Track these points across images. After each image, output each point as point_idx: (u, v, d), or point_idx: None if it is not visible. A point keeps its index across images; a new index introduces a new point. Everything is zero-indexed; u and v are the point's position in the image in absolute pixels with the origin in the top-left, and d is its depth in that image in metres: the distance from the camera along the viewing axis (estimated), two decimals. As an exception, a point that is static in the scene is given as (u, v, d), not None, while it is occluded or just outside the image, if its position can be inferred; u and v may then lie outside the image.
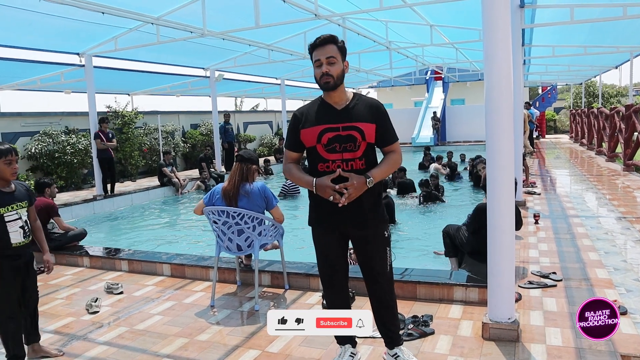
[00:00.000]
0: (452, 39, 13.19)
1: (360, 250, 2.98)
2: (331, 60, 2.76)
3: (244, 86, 19.95)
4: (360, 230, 2.91)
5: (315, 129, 2.81)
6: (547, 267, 4.90)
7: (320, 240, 2.99)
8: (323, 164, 2.81)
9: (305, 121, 2.86)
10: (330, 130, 2.78)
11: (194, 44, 11.19)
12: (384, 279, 2.98)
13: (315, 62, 2.80)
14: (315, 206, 2.94)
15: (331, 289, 3.04)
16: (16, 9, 7.97)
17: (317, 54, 2.78)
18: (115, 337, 3.83)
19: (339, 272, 3.02)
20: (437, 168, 14.14)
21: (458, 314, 3.92)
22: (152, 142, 16.30)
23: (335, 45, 2.80)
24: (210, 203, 4.39)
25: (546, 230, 6.36)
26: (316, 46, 2.79)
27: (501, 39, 3.28)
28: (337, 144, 2.77)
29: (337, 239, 2.95)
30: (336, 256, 2.99)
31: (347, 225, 2.88)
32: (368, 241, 2.93)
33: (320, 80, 2.79)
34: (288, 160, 2.99)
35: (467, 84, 28.70)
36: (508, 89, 3.32)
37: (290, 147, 2.97)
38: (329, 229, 2.93)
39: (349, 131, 2.78)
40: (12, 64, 11.18)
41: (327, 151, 2.79)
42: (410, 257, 6.41)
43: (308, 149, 2.89)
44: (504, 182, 3.34)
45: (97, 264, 5.84)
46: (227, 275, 5.07)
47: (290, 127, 2.96)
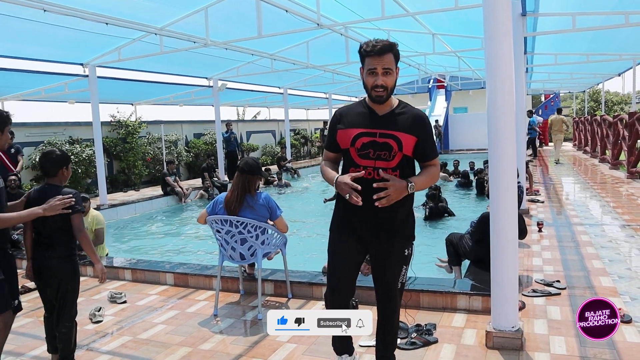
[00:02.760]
0: (454, 48, 13.22)
1: (377, 264, 2.85)
2: (387, 72, 2.60)
3: (246, 95, 20.03)
4: (384, 243, 2.76)
5: (351, 131, 2.70)
6: (551, 275, 4.89)
7: (335, 246, 2.85)
8: (355, 169, 2.67)
9: (343, 121, 2.75)
10: (367, 135, 2.66)
11: (197, 54, 11.25)
12: (394, 296, 2.87)
13: (368, 70, 2.62)
14: (342, 210, 2.80)
15: (333, 300, 2.85)
16: (21, 20, 8.01)
17: (373, 62, 2.58)
18: (118, 347, 3.83)
19: (345, 285, 2.87)
20: (444, 177, 14.10)
21: (462, 323, 3.91)
22: (155, 151, 16.34)
23: (393, 54, 2.61)
24: (213, 212, 4.39)
25: (550, 239, 6.34)
26: (373, 54, 2.59)
27: (503, 48, 3.30)
28: (371, 149, 2.65)
29: (356, 249, 2.82)
30: (347, 267, 2.85)
31: (372, 235, 2.74)
32: (388, 256, 2.79)
33: (372, 92, 2.63)
34: (325, 158, 2.92)
35: (470, 92, 28.61)
36: (510, 98, 3.33)
37: (328, 146, 2.89)
38: (351, 237, 2.78)
39: (385, 139, 2.64)
40: (17, 75, 11.27)
41: (360, 156, 2.67)
42: (415, 266, 6.39)
43: (343, 150, 2.78)
44: (507, 191, 3.34)
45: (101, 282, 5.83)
46: (230, 284, 5.07)
47: (330, 126, 2.87)
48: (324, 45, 12.14)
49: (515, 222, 3.42)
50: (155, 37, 9.32)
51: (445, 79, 23.33)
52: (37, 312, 4.76)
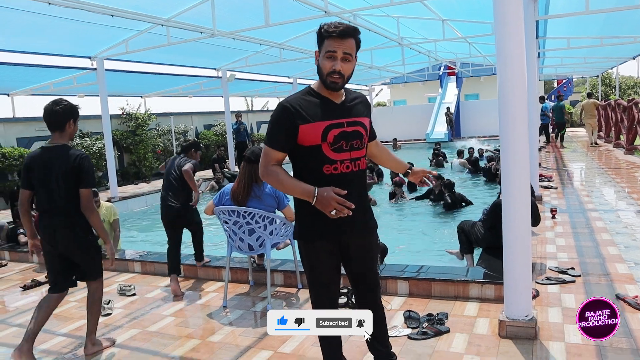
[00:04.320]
0: (464, 34, 13.02)
1: (358, 261, 2.62)
2: (347, 57, 2.37)
3: (256, 86, 19.96)
4: (365, 238, 2.60)
5: (318, 125, 2.40)
6: (565, 262, 4.79)
7: (318, 256, 2.55)
8: (330, 166, 2.41)
9: (301, 115, 2.39)
10: (335, 127, 2.42)
11: (205, 44, 11.19)
12: (378, 288, 2.72)
13: (327, 52, 2.36)
14: (313, 216, 2.42)
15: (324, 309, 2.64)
16: (27, 13, 8.00)
17: (334, 44, 2.34)
18: (127, 339, 3.82)
19: (335, 291, 2.69)
20: (463, 163, 13.96)
21: (474, 312, 3.84)
22: (165, 143, 16.37)
23: (355, 40, 2.40)
24: (219, 204, 4.36)
25: (564, 225, 6.23)
26: (334, 36, 2.34)
27: (513, 32, 3.20)
28: (343, 141, 2.43)
29: (336, 253, 2.57)
30: (333, 273, 2.62)
31: (353, 233, 2.53)
32: (369, 250, 2.63)
33: (327, 77, 2.38)
34: (271, 161, 2.44)
35: (481, 78, 28.40)
36: (521, 83, 3.23)
37: (277, 145, 2.43)
38: (330, 242, 2.53)
39: (354, 127, 2.47)
40: (25, 69, 11.31)
41: (334, 150, 2.41)
42: (425, 255, 6.34)
43: (305, 148, 2.42)
44: (519, 177, 3.26)
45: (110, 265, 5.84)
46: (239, 275, 5.04)
47: (278, 122, 2.43)
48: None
49: (528, 209, 3.33)
50: (162, 28, 9.26)
51: (456, 66, 23.09)
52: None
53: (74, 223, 3.47)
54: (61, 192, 3.42)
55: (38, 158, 3.46)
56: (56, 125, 3.44)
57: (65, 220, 3.45)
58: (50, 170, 3.41)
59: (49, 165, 3.41)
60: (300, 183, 2.39)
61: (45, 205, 3.48)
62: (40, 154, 3.47)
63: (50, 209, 3.47)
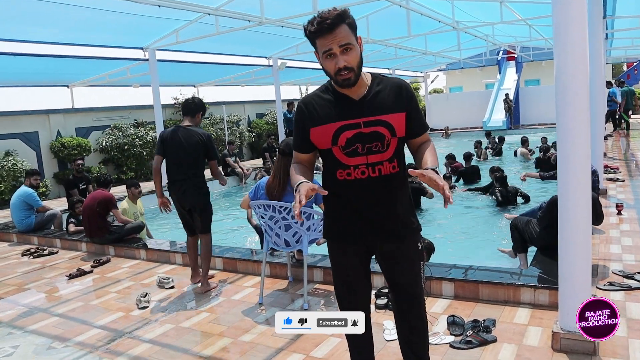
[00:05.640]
0: (524, 15, 12.30)
1: (390, 268, 2.40)
2: (347, 47, 2.08)
3: (307, 74, 19.77)
4: (394, 243, 2.32)
5: (328, 127, 2.17)
6: (632, 265, 4.35)
7: (341, 257, 2.40)
8: (343, 171, 2.20)
9: (312, 117, 2.22)
10: (349, 128, 2.16)
11: (254, 32, 11.08)
12: (418, 302, 2.43)
13: (323, 53, 2.10)
14: (333, 213, 2.34)
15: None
16: (81, 8, 8.17)
17: (326, 42, 2.07)
18: (159, 335, 3.75)
19: (363, 296, 2.47)
20: (524, 153, 13.31)
21: (525, 319, 3.52)
22: (217, 132, 16.52)
23: (347, 24, 2.09)
24: (255, 197, 4.21)
25: (630, 222, 5.71)
26: (322, 32, 2.07)
27: (573, 8, 2.84)
28: (359, 144, 2.15)
29: (361, 255, 2.38)
30: (359, 278, 2.42)
31: (377, 236, 2.30)
32: (399, 258, 2.35)
33: (337, 77, 2.11)
34: (295, 160, 2.36)
35: (543, 63, 27.01)
36: (582, 66, 2.88)
37: (298, 146, 2.32)
38: (352, 243, 2.34)
39: (373, 127, 2.16)
40: (82, 62, 11.62)
41: (348, 154, 2.17)
42: (474, 253, 6.00)
43: (322, 151, 2.26)
44: (578, 172, 2.91)
45: (153, 256, 5.87)
46: (278, 270, 4.90)
47: (295, 123, 2.31)
48: (384, 19, 11.62)
49: (588, 207, 2.98)
50: (210, 17, 9.22)
51: (516, 50, 22.04)
52: (87, 296, 4.82)
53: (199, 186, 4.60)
54: (190, 161, 4.53)
55: (171, 133, 4.59)
56: (187, 112, 4.67)
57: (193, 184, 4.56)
58: (181, 145, 4.51)
59: (181, 140, 4.52)
60: (297, 176, 2.19)
61: (176, 173, 4.57)
62: (174, 130, 4.61)
63: (180, 175, 4.55)
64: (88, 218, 6.29)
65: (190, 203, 4.61)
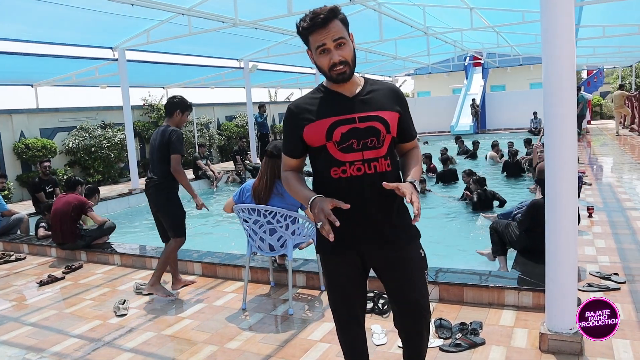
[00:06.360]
0: (492, 22, 12.58)
1: (387, 276, 2.27)
2: (341, 42, 2.07)
3: (278, 76, 19.71)
4: (396, 251, 2.21)
5: (322, 122, 2.13)
6: (607, 267, 4.46)
7: (335, 269, 2.29)
8: (337, 168, 2.12)
9: (305, 115, 2.17)
10: (343, 123, 2.11)
11: (226, 34, 10.99)
12: (426, 316, 2.29)
13: (317, 49, 2.09)
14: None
15: (348, 330, 2.39)
16: (48, 4, 7.89)
17: (319, 37, 2.06)
18: (141, 344, 3.63)
19: (359, 309, 2.37)
20: (493, 157, 13.53)
21: (510, 321, 3.56)
22: (187, 134, 16.27)
23: (339, 19, 2.10)
24: (240, 201, 4.14)
25: (602, 225, 5.87)
26: (315, 28, 2.06)
27: (563, 14, 2.90)
28: (354, 140, 2.10)
29: (357, 267, 2.26)
30: (356, 290, 2.32)
31: (375, 242, 2.19)
32: (398, 266, 2.23)
33: (332, 72, 2.09)
34: (285, 167, 2.30)
35: (508, 69, 27.71)
36: (571, 70, 2.94)
37: (289, 151, 2.27)
38: (348, 254, 2.22)
39: (368, 122, 2.12)
40: (48, 60, 11.24)
41: (342, 150, 2.11)
42: (451, 255, 6.05)
43: (314, 149, 2.19)
44: (567, 177, 2.96)
45: (127, 262, 5.70)
46: (260, 275, 4.83)
47: (285, 126, 2.27)
48: (356, 22, 11.59)
49: (575, 212, 3.04)
50: (183, 18, 9.08)
51: (483, 56, 22.51)
52: (60, 304, 4.64)
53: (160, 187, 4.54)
54: (155, 161, 4.53)
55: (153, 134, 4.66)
56: (165, 111, 4.68)
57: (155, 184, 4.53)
58: (152, 144, 4.60)
59: (152, 140, 4.62)
60: (304, 189, 2.18)
61: (148, 173, 4.61)
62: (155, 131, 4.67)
63: (149, 175, 4.59)
64: (60, 223, 6.02)
65: (154, 204, 4.60)
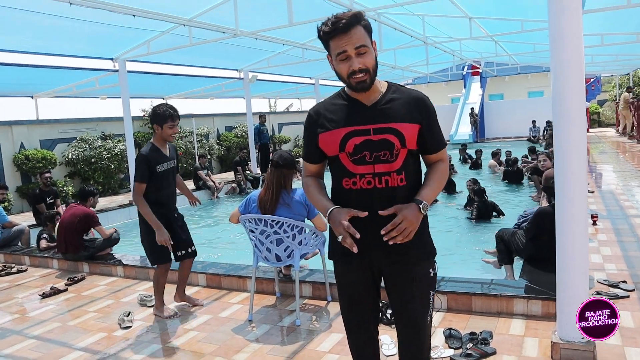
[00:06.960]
0: (491, 32, 12.63)
1: (396, 293, 2.22)
2: (362, 50, 2.00)
3: (278, 87, 19.75)
4: (405, 265, 2.15)
5: (337, 132, 2.09)
6: (615, 274, 4.44)
7: (346, 278, 2.25)
8: (349, 180, 2.09)
9: (322, 122, 2.14)
10: (358, 134, 2.06)
11: (226, 45, 11.00)
12: (422, 335, 2.23)
13: (337, 55, 2.02)
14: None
15: (358, 338, 2.32)
16: (48, 16, 7.91)
17: (340, 43, 2.00)
18: (148, 356, 3.59)
19: (370, 318, 2.30)
20: (492, 165, 13.52)
21: (520, 330, 3.53)
22: (187, 145, 16.26)
23: (362, 26, 2.02)
24: (246, 212, 4.11)
25: (607, 232, 5.86)
26: (337, 33, 2.00)
27: (571, 17, 2.92)
28: (367, 152, 2.05)
29: (368, 276, 2.21)
30: (365, 295, 2.25)
31: (382, 256, 2.13)
32: (409, 281, 2.17)
33: (351, 79, 2.03)
34: (306, 172, 2.30)
35: (506, 78, 27.84)
36: (579, 76, 2.94)
37: (307, 156, 2.26)
38: (359, 260, 2.16)
39: (382, 135, 2.05)
40: (49, 72, 11.25)
41: (355, 162, 2.07)
42: (460, 266, 6.02)
43: (330, 157, 2.16)
44: (577, 185, 2.95)
45: (131, 273, 5.66)
46: (265, 285, 4.79)
47: (305, 131, 2.25)
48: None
49: (586, 220, 3.03)
50: (184, 28, 9.10)
51: (481, 65, 22.60)
52: (64, 316, 4.60)
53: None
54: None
55: None
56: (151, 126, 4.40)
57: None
58: None
59: None
60: (322, 198, 2.18)
61: None
62: None
63: None
64: (65, 233, 5.98)
65: None
